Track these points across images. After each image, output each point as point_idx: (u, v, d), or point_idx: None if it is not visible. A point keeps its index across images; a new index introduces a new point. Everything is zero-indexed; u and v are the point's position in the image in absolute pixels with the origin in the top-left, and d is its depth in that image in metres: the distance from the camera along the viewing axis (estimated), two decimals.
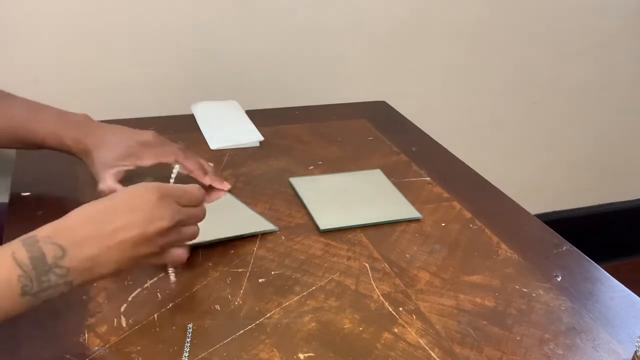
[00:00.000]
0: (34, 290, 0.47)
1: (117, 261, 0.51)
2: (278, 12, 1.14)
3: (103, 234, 0.50)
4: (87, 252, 0.49)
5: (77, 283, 0.49)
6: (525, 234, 0.70)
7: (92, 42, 1.04)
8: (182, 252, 0.56)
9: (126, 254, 0.51)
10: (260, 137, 0.88)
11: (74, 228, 0.50)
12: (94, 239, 0.50)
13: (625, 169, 1.70)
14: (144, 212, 0.52)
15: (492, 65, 1.38)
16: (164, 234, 0.53)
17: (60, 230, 0.50)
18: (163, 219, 0.53)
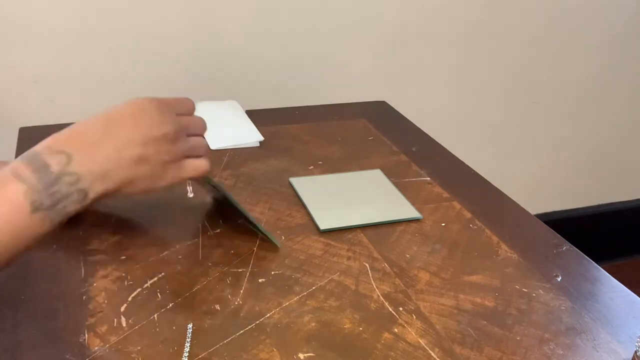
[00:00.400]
0: (46, 205, 0.44)
1: (130, 166, 0.49)
2: (278, 13, 1.14)
3: (109, 136, 0.48)
4: (96, 155, 0.47)
5: (93, 195, 0.47)
6: (525, 234, 0.70)
7: (92, 42, 1.04)
8: (201, 162, 0.56)
9: (138, 157, 0.49)
10: (260, 137, 0.88)
11: (76, 135, 0.48)
12: (101, 141, 0.48)
13: (625, 169, 1.70)
14: (145, 118, 0.51)
15: (492, 65, 1.38)
16: (171, 139, 0.52)
17: (61, 139, 0.47)
18: (166, 123, 0.52)
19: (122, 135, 0.50)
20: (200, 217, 0.69)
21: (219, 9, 1.09)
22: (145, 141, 0.51)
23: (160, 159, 0.52)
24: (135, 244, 0.63)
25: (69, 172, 0.45)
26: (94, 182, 0.47)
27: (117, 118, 0.51)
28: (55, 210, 0.44)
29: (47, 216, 0.44)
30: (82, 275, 0.58)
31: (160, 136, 0.52)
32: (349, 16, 1.19)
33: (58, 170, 0.45)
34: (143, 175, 0.51)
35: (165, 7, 1.06)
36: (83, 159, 0.46)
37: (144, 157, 0.51)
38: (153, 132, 0.51)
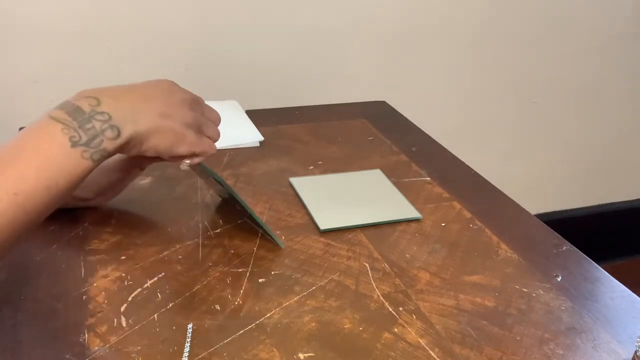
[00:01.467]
0: (84, 140, 0.47)
1: (155, 116, 0.53)
2: (278, 13, 1.14)
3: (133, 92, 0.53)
4: (122, 100, 0.51)
5: (126, 134, 0.50)
6: (525, 234, 0.70)
7: (92, 42, 1.04)
8: (213, 144, 0.59)
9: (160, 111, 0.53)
10: (260, 137, 0.88)
11: (102, 88, 0.52)
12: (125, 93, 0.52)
13: (625, 169, 1.70)
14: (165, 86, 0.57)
15: (493, 65, 1.38)
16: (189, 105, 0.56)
17: (88, 90, 0.51)
18: (184, 91, 0.57)
19: (145, 92, 0.54)
20: (200, 217, 0.69)
21: (219, 9, 1.09)
22: (167, 100, 0.55)
23: (181, 120, 0.55)
24: (135, 244, 0.63)
25: (99, 111, 0.49)
26: (124, 121, 0.50)
27: (138, 84, 0.56)
28: (92, 145, 0.48)
29: (87, 151, 0.48)
30: (82, 275, 0.58)
31: (179, 99, 0.56)
32: (349, 16, 1.19)
33: (90, 110, 0.49)
34: (168, 129, 0.54)
35: (166, 7, 1.06)
36: (110, 102, 0.50)
37: (166, 113, 0.54)
38: (173, 95, 0.56)
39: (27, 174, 0.45)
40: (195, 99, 0.59)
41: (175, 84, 0.59)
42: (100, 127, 0.49)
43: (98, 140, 0.49)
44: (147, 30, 1.06)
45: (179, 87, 0.59)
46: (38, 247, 0.62)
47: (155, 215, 0.69)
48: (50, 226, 0.65)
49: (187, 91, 0.59)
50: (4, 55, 1.01)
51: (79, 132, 0.47)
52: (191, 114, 0.57)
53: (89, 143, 0.48)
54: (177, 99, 0.56)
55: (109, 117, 0.49)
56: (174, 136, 0.55)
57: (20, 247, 0.62)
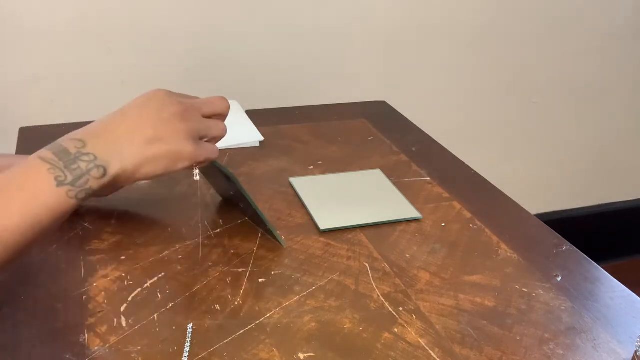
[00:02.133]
0: (69, 180, 0.49)
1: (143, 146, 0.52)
2: (278, 13, 1.14)
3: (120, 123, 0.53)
4: (107, 138, 0.52)
5: (113, 172, 0.51)
6: (525, 234, 0.70)
7: (92, 42, 1.04)
8: (215, 147, 0.59)
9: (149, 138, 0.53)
10: (260, 137, 0.88)
11: (89, 128, 0.53)
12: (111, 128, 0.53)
13: (625, 169, 1.70)
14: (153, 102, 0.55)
15: (492, 65, 1.38)
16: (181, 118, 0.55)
17: (77, 132, 0.52)
18: (173, 103, 0.55)
19: (132, 120, 0.53)
20: (200, 217, 0.69)
21: (219, 9, 1.09)
22: (154, 122, 0.54)
23: (174, 138, 0.54)
24: (135, 244, 0.63)
25: (84, 152, 0.50)
26: (110, 160, 0.51)
27: (127, 109, 0.55)
28: (78, 185, 0.49)
29: (72, 190, 0.49)
30: (82, 275, 0.58)
31: (169, 116, 0.54)
32: (349, 16, 1.19)
33: (75, 152, 0.50)
34: (159, 155, 0.54)
35: (166, 8, 1.06)
36: (96, 142, 0.51)
37: (156, 137, 0.53)
38: (161, 113, 0.54)
39: (12, 210, 0.46)
40: (187, 107, 0.56)
41: (165, 96, 0.56)
42: (86, 167, 0.50)
43: (84, 180, 0.50)
44: (148, 31, 1.06)
45: (169, 99, 0.56)
46: (38, 247, 0.62)
47: (155, 215, 0.69)
48: None
49: (179, 101, 0.56)
50: (4, 55, 1.01)
51: (64, 172, 0.49)
52: (185, 127, 0.55)
53: (75, 182, 0.49)
54: (167, 116, 0.54)
55: (94, 157, 0.50)
56: (168, 158, 0.54)
57: None
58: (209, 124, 0.59)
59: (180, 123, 0.55)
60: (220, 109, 0.61)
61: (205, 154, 0.58)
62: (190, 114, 0.56)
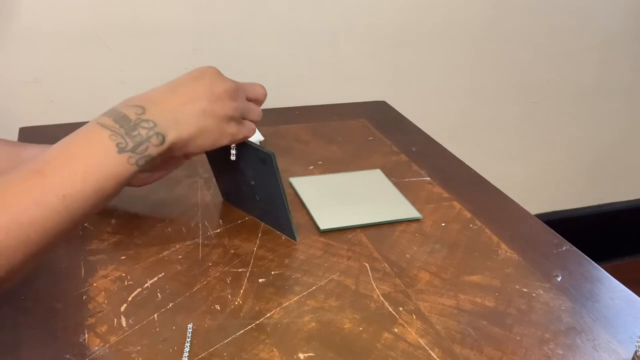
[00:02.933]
0: (130, 146, 0.50)
1: (198, 117, 0.55)
2: (278, 12, 1.14)
3: (175, 93, 0.55)
4: (165, 106, 0.53)
5: (170, 139, 0.53)
6: (525, 234, 0.70)
7: (93, 41, 1.04)
8: (252, 126, 0.62)
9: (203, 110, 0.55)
10: (260, 137, 0.88)
11: (145, 96, 0.54)
12: (168, 97, 0.54)
13: (625, 169, 1.70)
14: (206, 78, 0.57)
15: (492, 65, 1.38)
16: (231, 96, 0.58)
17: (133, 98, 0.53)
18: (226, 81, 0.58)
19: (187, 92, 0.55)
20: (200, 217, 0.69)
21: (219, 8, 1.09)
22: (209, 96, 0.56)
23: (224, 113, 0.57)
24: (135, 244, 0.63)
25: (145, 119, 0.51)
26: (168, 128, 0.53)
27: (180, 82, 0.57)
28: (138, 152, 0.50)
29: (132, 157, 0.50)
30: (82, 275, 0.58)
31: (221, 92, 0.57)
32: (349, 16, 1.19)
33: (135, 118, 0.51)
34: (210, 127, 0.56)
35: (166, 8, 1.06)
36: (155, 109, 0.52)
37: (209, 111, 0.56)
38: (214, 88, 0.56)
39: (75, 177, 0.47)
40: (236, 87, 0.60)
41: (217, 74, 0.59)
42: (147, 134, 0.51)
43: (144, 147, 0.51)
44: (147, 30, 1.06)
45: (221, 78, 0.59)
46: None
47: (155, 215, 0.69)
48: None
49: (228, 80, 0.59)
50: (4, 55, 1.01)
51: (125, 138, 0.50)
52: (233, 106, 0.58)
53: (135, 149, 0.50)
54: (219, 92, 0.57)
55: (154, 124, 0.52)
56: (216, 133, 0.57)
57: None
58: (251, 106, 0.62)
59: (230, 101, 0.58)
60: (260, 95, 0.64)
61: (244, 132, 0.61)
62: (238, 93, 0.59)
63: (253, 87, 0.64)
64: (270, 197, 0.64)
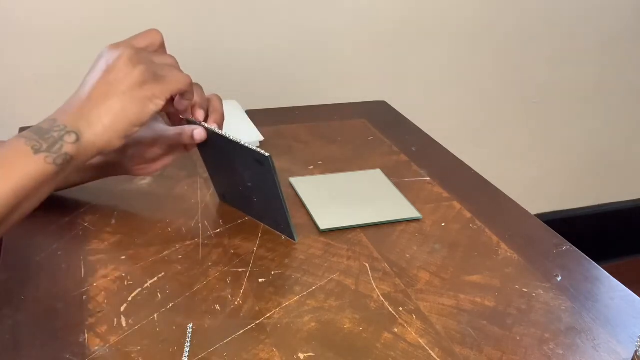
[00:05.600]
0: (44, 147, 0.52)
1: (101, 101, 0.55)
2: (278, 12, 1.14)
3: (78, 94, 0.57)
4: (73, 110, 0.55)
5: (88, 135, 0.54)
6: (525, 234, 0.70)
7: (92, 42, 1.04)
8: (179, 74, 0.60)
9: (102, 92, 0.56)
10: (260, 137, 0.88)
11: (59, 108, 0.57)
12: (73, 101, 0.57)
13: (625, 169, 1.70)
14: (100, 62, 0.58)
15: (492, 65, 1.38)
16: (127, 62, 0.57)
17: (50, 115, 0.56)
18: (116, 52, 0.57)
19: (87, 87, 0.57)
20: (200, 217, 0.69)
21: (219, 9, 1.09)
22: (106, 78, 0.56)
23: (129, 83, 0.56)
24: (135, 244, 0.63)
25: (56, 125, 0.54)
26: (79, 126, 0.54)
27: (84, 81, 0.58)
28: (53, 151, 0.52)
29: (49, 156, 0.52)
30: (82, 275, 0.58)
31: (116, 65, 0.57)
32: (349, 16, 1.19)
33: (48, 127, 0.54)
34: (123, 106, 0.56)
35: (166, 7, 1.06)
36: (64, 116, 0.55)
37: (112, 91, 0.56)
38: (110, 66, 0.57)
39: None
40: (132, 53, 0.58)
41: (109, 50, 0.58)
42: (59, 134, 0.53)
43: (58, 146, 0.53)
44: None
45: (112, 52, 0.58)
46: (38, 247, 0.62)
47: (155, 215, 0.69)
48: (51, 226, 0.65)
49: (122, 49, 0.58)
50: (4, 55, 1.01)
51: (40, 141, 0.52)
52: (136, 72, 0.57)
53: (50, 149, 0.52)
54: (115, 65, 0.57)
55: (64, 126, 0.54)
56: (134, 103, 0.56)
57: (20, 247, 0.62)
58: (163, 65, 0.60)
59: (132, 68, 0.57)
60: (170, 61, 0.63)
61: (172, 84, 0.59)
62: (140, 57, 0.58)
63: (159, 55, 0.62)
64: (268, 198, 0.64)
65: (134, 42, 0.61)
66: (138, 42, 0.61)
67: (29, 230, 0.63)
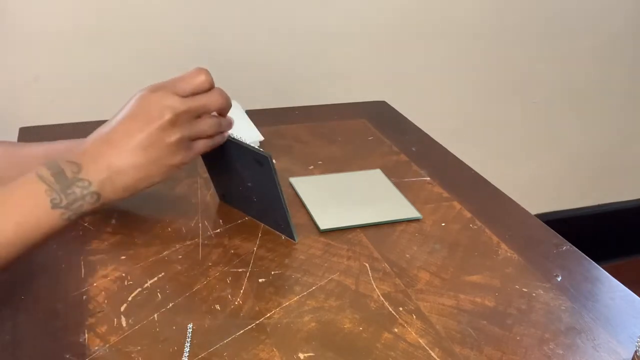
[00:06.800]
0: (64, 203, 0.50)
1: (135, 165, 0.53)
2: (278, 12, 1.14)
3: (110, 144, 0.53)
4: (101, 162, 0.52)
5: (106, 196, 0.53)
6: (525, 234, 0.70)
7: (93, 41, 1.04)
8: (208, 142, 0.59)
9: (141, 156, 0.53)
10: (260, 137, 0.88)
11: (85, 148, 0.53)
12: (103, 149, 0.53)
13: (625, 169, 1.70)
14: (143, 113, 0.54)
15: (492, 65, 1.38)
16: (170, 123, 0.54)
17: (74, 151, 0.53)
18: (162, 112, 0.54)
19: (121, 140, 0.54)
20: (200, 217, 0.69)
21: (219, 9, 1.09)
22: (144, 143, 0.54)
23: (165, 155, 0.55)
24: (135, 244, 0.63)
25: (80, 178, 0.51)
26: (103, 186, 0.53)
27: (115, 126, 0.54)
28: (72, 209, 0.51)
29: (65, 213, 0.50)
30: (82, 275, 0.58)
31: (157, 132, 0.54)
32: (349, 16, 1.19)
33: (72, 177, 0.51)
34: (151, 173, 0.55)
35: (166, 8, 1.06)
36: (90, 167, 0.52)
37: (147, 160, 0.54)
38: (150, 127, 0.54)
39: (8, 227, 0.48)
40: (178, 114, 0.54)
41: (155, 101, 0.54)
42: (81, 192, 0.51)
43: (78, 205, 0.51)
44: (147, 30, 1.06)
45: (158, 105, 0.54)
46: (38, 247, 0.61)
47: (155, 215, 0.69)
48: None
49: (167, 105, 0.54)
50: (4, 55, 1.01)
51: (60, 195, 0.50)
52: (174, 139, 0.55)
53: (69, 206, 0.51)
54: (156, 132, 0.54)
55: (89, 183, 0.52)
56: (160, 173, 0.56)
57: None
58: (201, 126, 0.58)
59: (170, 135, 0.54)
60: (218, 106, 0.58)
61: (191, 155, 0.58)
62: (182, 120, 0.55)
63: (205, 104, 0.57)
64: (268, 198, 0.64)
65: (178, 87, 0.56)
66: (183, 87, 0.56)
67: None
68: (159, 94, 0.55)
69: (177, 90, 0.56)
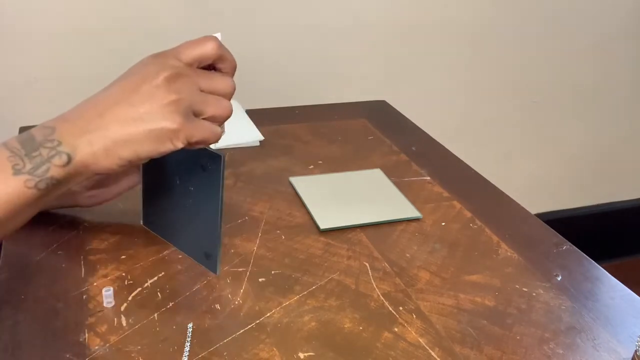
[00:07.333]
0: (27, 168, 0.45)
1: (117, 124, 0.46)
2: (278, 12, 1.14)
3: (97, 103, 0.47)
4: (79, 122, 0.47)
5: (80, 158, 0.46)
6: (525, 234, 0.70)
7: (92, 42, 1.04)
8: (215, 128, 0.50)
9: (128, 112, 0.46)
10: (261, 136, 0.88)
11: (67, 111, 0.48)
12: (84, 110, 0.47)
13: (625, 169, 1.70)
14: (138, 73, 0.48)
15: (492, 65, 1.38)
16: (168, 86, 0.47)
17: (52, 119, 0.48)
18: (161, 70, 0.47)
19: (110, 98, 0.48)
20: None
21: (218, 9, 1.09)
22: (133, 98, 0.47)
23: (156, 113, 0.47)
24: (135, 244, 0.63)
25: (50, 139, 0.46)
26: (77, 145, 0.46)
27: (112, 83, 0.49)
28: (37, 174, 0.45)
29: (31, 180, 0.45)
30: (82, 275, 0.58)
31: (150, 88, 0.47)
32: (349, 16, 1.19)
33: (41, 139, 0.46)
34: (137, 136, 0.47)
35: (165, 7, 1.06)
36: (66, 126, 0.47)
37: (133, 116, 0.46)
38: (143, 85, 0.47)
39: None
40: (178, 75, 0.48)
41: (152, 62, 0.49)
42: (48, 154, 0.45)
43: (44, 168, 0.45)
44: (147, 30, 1.06)
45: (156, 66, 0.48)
46: (38, 247, 0.62)
47: None
48: (50, 226, 0.65)
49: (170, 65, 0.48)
50: (4, 55, 1.01)
51: (24, 159, 0.45)
52: (171, 99, 0.47)
53: (34, 171, 0.45)
54: (148, 88, 0.47)
55: (59, 143, 0.46)
56: (150, 138, 0.47)
57: (20, 247, 0.62)
58: (206, 97, 0.50)
59: (166, 94, 0.47)
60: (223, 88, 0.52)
61: (200, 133, 0.49)
62: (182, 82, 0.48)
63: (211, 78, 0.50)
64: (203, 216, 0.57)
65: (182, 53, 0.50)
66: (186, 53, 0.50)
67: (29, 230, 0.63)
68: (160, 56, 0.50)
69: (181, 55, 0.50)
